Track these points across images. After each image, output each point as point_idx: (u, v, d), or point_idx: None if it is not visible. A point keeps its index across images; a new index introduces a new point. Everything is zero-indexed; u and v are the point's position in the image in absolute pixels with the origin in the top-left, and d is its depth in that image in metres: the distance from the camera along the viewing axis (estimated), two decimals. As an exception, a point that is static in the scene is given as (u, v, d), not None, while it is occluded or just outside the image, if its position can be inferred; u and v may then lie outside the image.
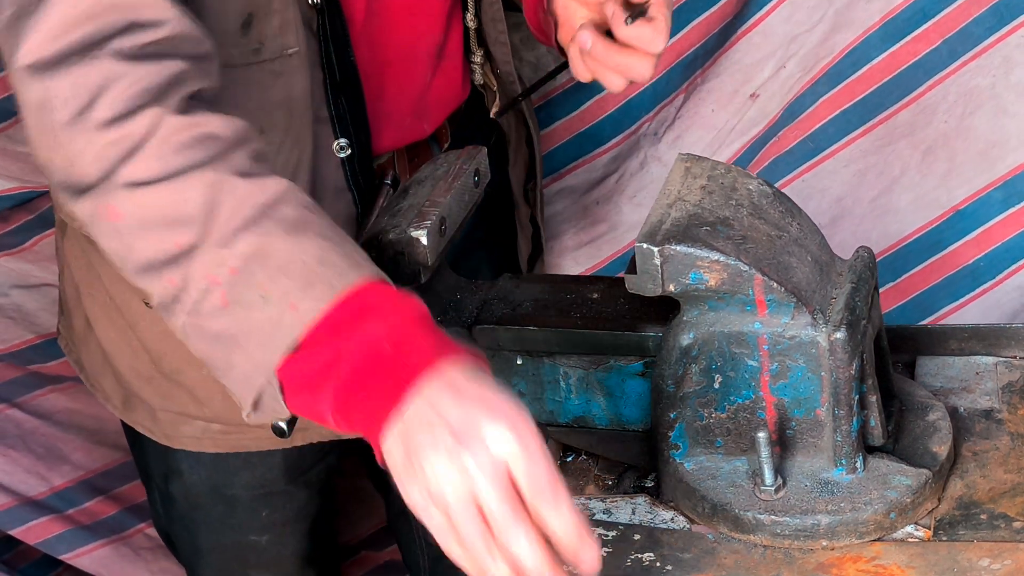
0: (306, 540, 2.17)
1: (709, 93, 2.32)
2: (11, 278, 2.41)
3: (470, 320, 1.69)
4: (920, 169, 2.30)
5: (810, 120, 2.32)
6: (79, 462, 2.51)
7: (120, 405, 2.05)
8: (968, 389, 1.75)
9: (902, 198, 2.32)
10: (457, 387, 1.40)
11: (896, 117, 2.29)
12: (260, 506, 2.10)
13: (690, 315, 1.58)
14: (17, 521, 2.47)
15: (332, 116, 1.81)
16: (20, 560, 2.55)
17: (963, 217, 2.30)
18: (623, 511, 1.64)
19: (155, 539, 2.54)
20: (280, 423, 1.65)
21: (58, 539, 2.49)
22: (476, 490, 1.36)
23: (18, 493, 2.47)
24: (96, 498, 2.52)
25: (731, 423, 1.60)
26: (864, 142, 2.31)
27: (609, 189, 2.40)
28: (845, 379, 1.55)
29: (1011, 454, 1.66)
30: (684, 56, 2.34)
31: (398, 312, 1.44)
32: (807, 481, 1.58)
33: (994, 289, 2.32)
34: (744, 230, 1.56)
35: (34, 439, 2.48)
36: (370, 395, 1.42)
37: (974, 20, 2.24)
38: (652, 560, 1.58)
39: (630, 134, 2.39)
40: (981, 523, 1.57)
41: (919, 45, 2.26)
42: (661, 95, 2.37)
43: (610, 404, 1.67)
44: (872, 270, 1.62)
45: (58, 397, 2.49)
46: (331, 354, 1.43)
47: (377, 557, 2.69)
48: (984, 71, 2.25)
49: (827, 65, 2.28)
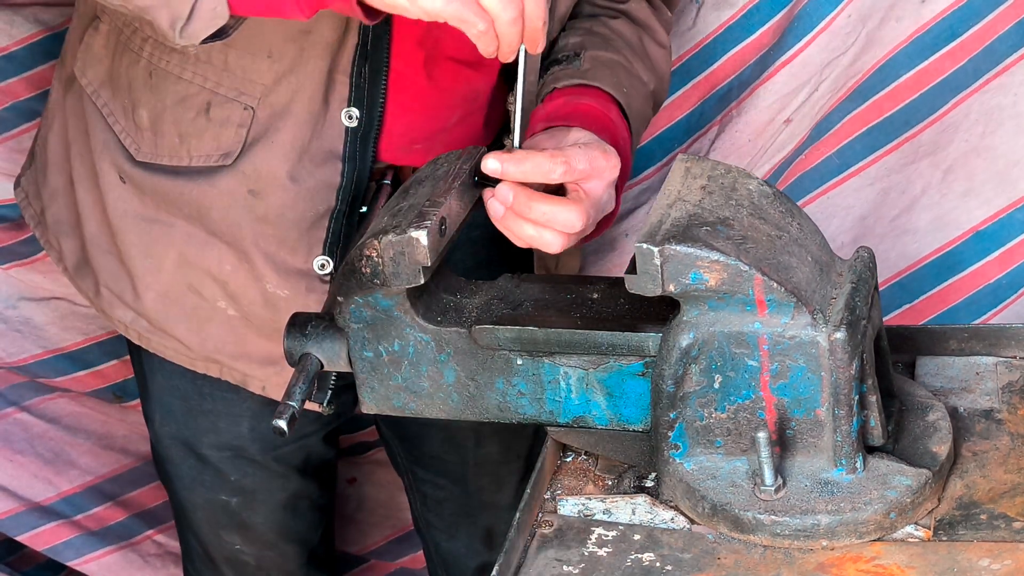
0: (282, 513, 2.20)
1: (747, 126, 2.30)
2: (19, 290, 2.40)
3: (470, 320, 1.69)
4: (940, 189, 2.29)
5: (837, 137, 2.31)
6: (87, 467, 2.50)
7: (72, 268, 2.09)
8: (968, 389, 1.75)
9: (922, 218, 2.30)
10: None
11: (921, 136, 2.27)
12: (229, 469, 2.15)
13: (690, 315, 1.58)
14: (25, 527, 2.46)
15: (352, 83, 1.83)
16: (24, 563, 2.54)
17: (983, 238, 2.29)
18: (623, 511, 1.64)
19: (164, 546, 2.55)
20: (279, 422, 1.65)
21: (66, 545, 2.49)
22: None
23: (25, 498, 2.46)
24: (104, 504, 2.52)
25: (731, 423, 1.60)
26: (889, 160, 2.29)
27: (639, 221, 2.38)
28: (845, 379, 1.55)
29: (1011, 454, 1.66)
30: (719, 88, 2.32)
31: None
32: (807, 481, 1.58)
33: (1019, 301, 2.31)
34: (744, 230, 1.56)
35: (42, 443, 2.47)
36: None
37: (999, 38, 2.22)
38: (652, 560, 1.58)
39: (662, 166, 2.38)
40: (981, 523, 1.57)
41: (946, 63, 2.25)
42: (695, 127, 2.36)
43: (610, 404, 1.67)
44: (872, 270, 1.62)
45: (66, 402, 2.48)
46: None
47: (387, 566, 2.68)
48: (1006, 89, 2.23)
49: (856, 83, 2.27)
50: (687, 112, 2.33)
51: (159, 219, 1.97)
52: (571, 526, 1.64)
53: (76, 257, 2.08)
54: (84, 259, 2.07)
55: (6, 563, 2.52)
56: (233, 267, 1.96)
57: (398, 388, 1.73)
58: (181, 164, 1.92)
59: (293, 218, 1.91)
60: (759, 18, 2.28)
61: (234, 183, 1.91)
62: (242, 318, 1.98)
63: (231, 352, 2.01)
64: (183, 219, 1.96)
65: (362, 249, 1.64)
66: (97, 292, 2.06)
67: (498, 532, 2.26)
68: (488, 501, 2.25)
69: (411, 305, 1.68)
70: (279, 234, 1.92)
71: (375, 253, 1.63)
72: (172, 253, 1.98)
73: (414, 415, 1.74)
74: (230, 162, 1.90)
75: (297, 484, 2.19)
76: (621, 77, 1.88)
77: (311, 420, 2.11)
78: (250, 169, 1.90)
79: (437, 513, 2.29)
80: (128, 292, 2.03)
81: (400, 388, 1.72)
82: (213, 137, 1.90)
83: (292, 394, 1.68)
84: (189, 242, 1.96)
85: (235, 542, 2.22)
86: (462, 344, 1.69)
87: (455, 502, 2.27)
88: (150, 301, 2.01)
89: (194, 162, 1.91)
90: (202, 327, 2.01)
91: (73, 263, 2.08)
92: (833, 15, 2.24)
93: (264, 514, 2.19)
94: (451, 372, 1.70)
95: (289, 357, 1.75)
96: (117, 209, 1.99)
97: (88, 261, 2.06)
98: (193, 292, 1.99)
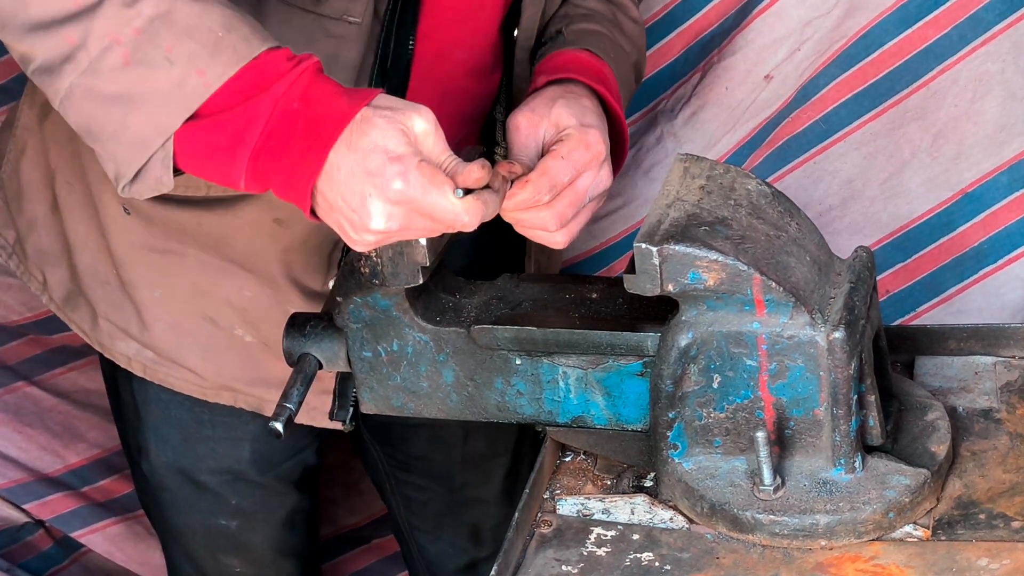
0: (281, 530, 2.18)
1: (724, 71, 2.33)
2: None
3: (469, 320, 1.69)
4: (930, 152, 2.31)
5: (822, 102, 2.33)
6: (95, 440, 2.54)
7: (60, 300, 2.03)
8: (967, 389, 1.75)
9: (912, 180, 2.33)
10: (370, 121, 1.50)
11: (907, 101, 2.30)
12: (228, 493, 2.12)
13: (689, 315, 1.58)
14: (32, 496, 2.50)
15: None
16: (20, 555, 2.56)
17: (971, 199, 2.32)
18: (622, 511, 1.64)
19: None
20: (276, 424, 1.64)
21: (72, 515, 2.52)
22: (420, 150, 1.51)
23: (34, 469, 2.50)
24: (110, 477, 2.55)
25: (730, 423, 1.60)
26: (875, 125, 2.32)
27: (625, 164, 2.41)
28: (844, 379, 1.55)
29: (1010, 454, 1.65)
30: (702, 36, 2.36)
31: (299, 71, 1.51)
32: (806, 481, 1.58)
33: (996, 274, 2.32)
34: (743, 230, 1.56)
35: (51, 417, 2.50)
36: (289, 153, 1.50)
37: (984, 7, 2.25)
38: (651, 560, 1.58)
39: (648, 111, 2.41)
40: (980, 523, 1.57)
41: (930, 31, 2.27)
42: (679, 74, 2.39)
43: (609, 404, 1.67)
44: (871, 270, 1.62)
45: (76, 376, 2.51)
46: (242, 119, 1.49)
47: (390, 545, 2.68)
48: (993, 57, 2.26)
49: (840, 48, 2.30)
50: (671, 60, 2.36)
51: (169, 249, 1.92)
52: (570, 526, 1.64)
53: (65, 288, 2.02)
54: (76, 290, 2.01)
55: (2, 555, 2.53)
56: (254, 293, 1.92)
57: (397, 388, 1.73)
58: (198, 195, 1.87)
59: (316, 243, 1.89)
60: None
61: (259, 212, 1.86)
62: (260, 344, 1.95)
63: (248, 379, 1.98)
64: (196, 248, 1.91)
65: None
66: (94, 324, 2.01)
67: (484, 528, 2.26)
68: (473, 497, 2.24)
69: (410, 305, 1.68)
70: (303, 259, 1.90)
71: (374, 253, 1.63)
72: (184, 283, 1.94)
73: (413, 415, 1.74)
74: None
75: (295, 499, 2.16)
76: (606, 44, 1.88)
77: (305, 433, 2.09)
78: (276, 199, 1.87)
79: (420, 515, 2.27)
80: (133, 323, 1.98)
81: (399, 388, 1.73)
82: None
83: (289, 396, 1.68)
84: (203, 271, 1.92)
85: (233, 565, 2.19)
86: (461, 344, 1.69)
87: (439, 502, 2.25)
88: (159, 332, 1.97)
89: (213, 192, 1.87)
90: (217, 356, 1.97)
91: (62, 295, 2.02)
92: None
93: (264, 533, 2.17)
94: (450, 372, 1.70)
95: (288, 357, 1.75)
96: (122, 240, 1.94)
97: (82, 292, 2.01)
98: (208, 321, 1.95)
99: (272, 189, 1.55)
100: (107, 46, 1.49)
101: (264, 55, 1.51)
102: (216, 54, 1.49)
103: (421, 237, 1.58)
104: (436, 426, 2.12)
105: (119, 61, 1.49)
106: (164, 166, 1.52)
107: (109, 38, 1.49)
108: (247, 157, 1.51)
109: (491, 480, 2.24)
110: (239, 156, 1.51)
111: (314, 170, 1.51)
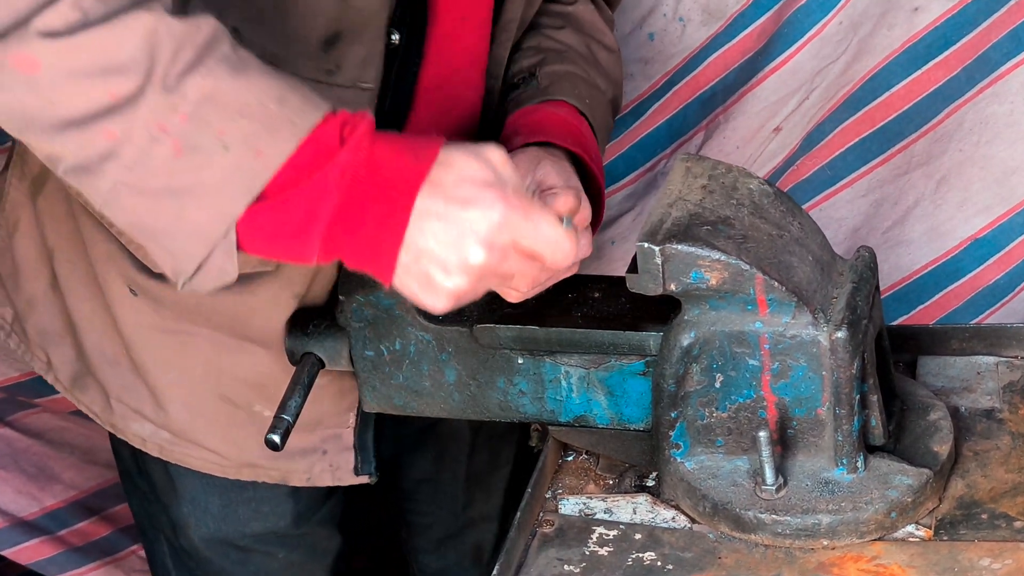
0: (331, 572, 2.09)
1: (734, 132, 2.28)
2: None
3: (471, 319, 1.69)
4: (933, 200, 2.27)
5: (829, 148, 2.28)
6: (71, 481, 2.44)
7: (67, 381, 1.94)
8: (969, 389, 1.75)
9: (915, 229, 2.28)
10: (449, 159, 1.43)
11: (914, 146, 2.25)
12: (275, 549, 2.03)
13: (691, 314, 1.58)
14: (8, 542, 2.41)
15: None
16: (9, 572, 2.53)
17: (982, 245, 2.27)
18: (624, 510, 1.64)
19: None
20: (273, 436, 1.63)
21: (49, 561, 2.43)
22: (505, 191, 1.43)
23: (9, 513, 2.40)
24: (88, 519, 2.46)
25: (732, 422, 1.60)
26: (882, 171, 2.27)
27: (625, 228, 2.36)
28: (846, 378, 1.54)
29: (1012, 454, 1.66)
30: (702, 92, 2.30)
31: (359, 136, 1.42)
32: (808, 480, 1.58)
33: (1013, 300, 2.30)
34: (745, 229, 1.56)
35: (25, 458, 2.40)
36: (366, 223, 1.42)
37: (992, 46, 2.20)
38: (653, 559, 1.58)
39: (646, 171, 2.36)
40: (982, 523, 1.57)
41: (939, 72, 2.21)
42: (678, 132, 2.33)
43: (611, 403, 1.67)
44: (873, 270, 1.62)
45: (49, 416, 2.40)
46: (311, 195, 1.40)
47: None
48: (1001, 98, 2.20)
49: (847, 92, 2.25)
50: (669, 116, 2.31)
51: (181, 329, 1.82)
52: (572, 525, 1.64)
53: (72, 369, 1.92)
54: (84, 370, 1.91)
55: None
56: (269, 368, 1.83)
57: (399, 387, 1.73)
58: None
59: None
60: (742, 23, 2.26)
61: (278, 289, 1.78)
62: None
63: (270, 454, 1.82)
64: (209, 328, 1.82)
65: (363, 248, 1.64)
66: (107, 407, 1.91)
67: (486, 547, 2.23)
68: (476, 516, 2.21)
69: (412, 304, 1.68)
70: None
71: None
72: (198, 363, 1.84)
73: (415, 414, 1.75)
74: (271, 267, 1.75)
75: (339, 539, 2.07)
76: (581, 88, 1.82)
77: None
78: (295, 274, 1.76)
79: (425, 537, 2.23)
80: (148, 405, 1.89)
81: (401, 387, 1.73)
82: None
83: (287, 407, 1.67)
84: (217, 350, 1.83)
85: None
86: (463, 343, 1.69)
87: (443, 525, 2.20)
88: (175, 412, 1.87)
89: None
90: (237, 434, 1.87)
91: (69, 375, 1.92)
92: (824, 22, 2.22)
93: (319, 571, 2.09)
94: (452, 371, 1.70)
95: (290, 356, 1.75)
96: (129, 322, 1.83)
97: (91, 372, 1.90)
98: (225, 401, 1.86)
99: (344, 259, 1.46)
100: (154, 137, 1.37)
101: (321, 125, 1.42)
102: (273, 132, 1.39)
103: (511, 284, 1.51)
104: (442, 442, 2.10)
105: (169, 152, 1.38)
106: (227, 255, 1.42)
107: (155, 129, 1.36)
108: (322, 233, 1.42)
109: (493, 495, 2.21)
110: (313, 233, 1.42)
111: (398, 233, 1.43)
